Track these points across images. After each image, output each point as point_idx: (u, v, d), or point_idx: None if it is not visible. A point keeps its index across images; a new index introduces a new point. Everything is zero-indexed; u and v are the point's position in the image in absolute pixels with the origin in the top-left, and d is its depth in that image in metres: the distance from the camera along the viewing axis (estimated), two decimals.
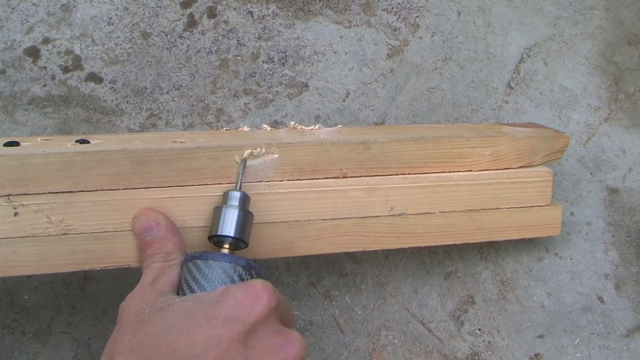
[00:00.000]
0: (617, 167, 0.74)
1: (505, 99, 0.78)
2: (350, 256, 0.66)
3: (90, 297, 0.61)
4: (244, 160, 0.52)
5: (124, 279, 0.62)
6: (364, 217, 0.58)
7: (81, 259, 0.52)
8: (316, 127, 0.59)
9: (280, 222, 0.56)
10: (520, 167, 0.62)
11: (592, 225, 0.70)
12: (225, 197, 0.50)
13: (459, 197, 0.60)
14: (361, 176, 0.57)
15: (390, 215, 0.59)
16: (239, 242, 0.49)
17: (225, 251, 0.48)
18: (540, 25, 0.84)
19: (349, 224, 0.58)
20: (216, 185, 0.53)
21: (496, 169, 0.61)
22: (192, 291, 0.45)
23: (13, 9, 0.78)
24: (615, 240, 0.69)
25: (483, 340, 0.62)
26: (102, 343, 0.59)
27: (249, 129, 0.58)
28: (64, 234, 0.51)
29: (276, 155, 0.54)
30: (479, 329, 0.63)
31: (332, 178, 0.57)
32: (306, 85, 0.77)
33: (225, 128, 0.57)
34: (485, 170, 0.61)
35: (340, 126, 0.61)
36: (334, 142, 0.55)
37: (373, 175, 0.58)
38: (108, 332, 0.60)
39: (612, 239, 0.69)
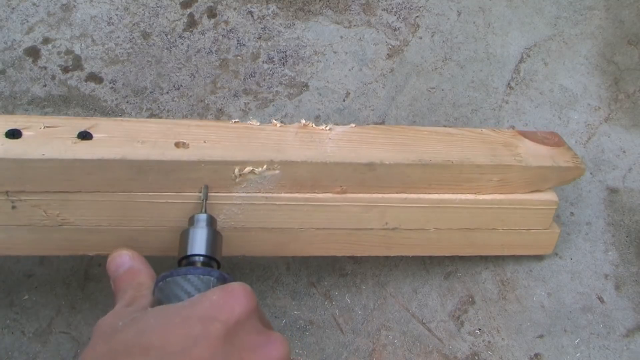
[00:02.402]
0: (617, 167, 0.74)
1: (505, 99, 0.78)
2: (351, 256, 0.66)
3: (90, 297, 0.61)
4: (206, 187, 0.51)
5: None
6: (357, 228, 0.58)
7: (75, 246, 0.53)
8: (327, 128, 0.56)
9: (272, 228, 0.56)
10: (527, 191, 0.60)
11: (592, 225, 0.70)
12: (192, 220, 0.49)
13: (457, 217, 0.59)
14: (360, 193, 0.56)
15: (383, 229, 0.58)
16: (211, 260, 0.47)
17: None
18: (540, 25, 0.84)
19: (340, 233, 0.58)
20: (214, 194, 0.52)
21: (502, 193, 0.59)
22: None
23: (13, 9, 0.78)
24: (615, 240, 0.69)
25: (483, 340, 0.62)
26: None
27: (258, 124, 0.55)
28: (59, 226, 0.51)
29: (277, 172, 0.52)
30: (479, 329, 0.63)
31: (331, 193, 0.55)
32: (306, 85, 0.77)
33: (234, 120, 0.55)
34: (490, 193, 0.59)
35: (353, 125, 0.57)
36: (339, 163, 0.53)
37: (373, 193, 0.56)
38: None
39: (612, 239, 0.69)
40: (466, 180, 0.57)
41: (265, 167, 0.51)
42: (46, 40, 0.77)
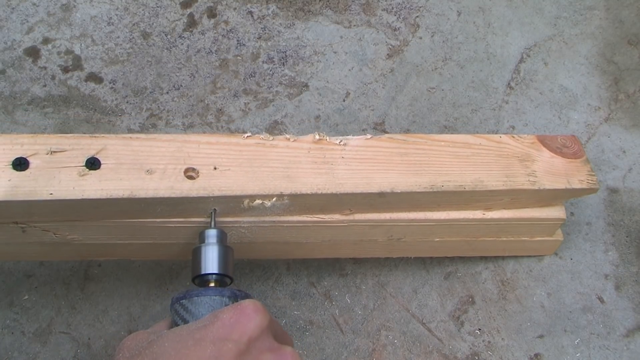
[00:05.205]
0: (617, 167, 0.74)
1: (505, 99, 0.78)
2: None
3: (90, 297, 0.61)
4: (214, 210, 0.50)
5: (124, 279, 0.62)
6: (361, 240, 0.58)
7: (84, 254, 0.56)
8: (341, 142, 0.53)
9: (278, 241, 0.56)
10: (537, 206, 0.59)
11: (592, 225, 0.70)
12: (202, 236, 0.49)
13: (463, 230, 0.59)
14: (368, 213, 0.55)
15: (388, 240, 0.59)
16: (224, 277, 0.48)
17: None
18: (540, 25, 0.84)
19: (345, 243, 0.58)
20: (222, 219, 0.51)
21: (511, 209, 0.58)
22: None
23: (13, 9, 0.78)
24: (615, 240, 0.69)
25: (483, 340, 0.62)
26: (102, 343, 0.59)
27: (271, 139, 0.52)
28: (69, 242, 0.52)
29: (286, 201, 0.51)
30: (479, 329, 0.63)
31: (339, 214, 0.55)
32: (306, 85, 0.77)
33: (246, 135, 0.52)
34: (499, 210, 0.58)
35: (369, 136, 0.54)
36: (349, 193, 0.51)
37: (381, 213, 0.55)
38: (108, 332, 0.60)
39: (612, 239, 0.69)
40: (476, 201, 0.56)
41: (274, 199, 0.50)
42: (46, 40, 0.77)
